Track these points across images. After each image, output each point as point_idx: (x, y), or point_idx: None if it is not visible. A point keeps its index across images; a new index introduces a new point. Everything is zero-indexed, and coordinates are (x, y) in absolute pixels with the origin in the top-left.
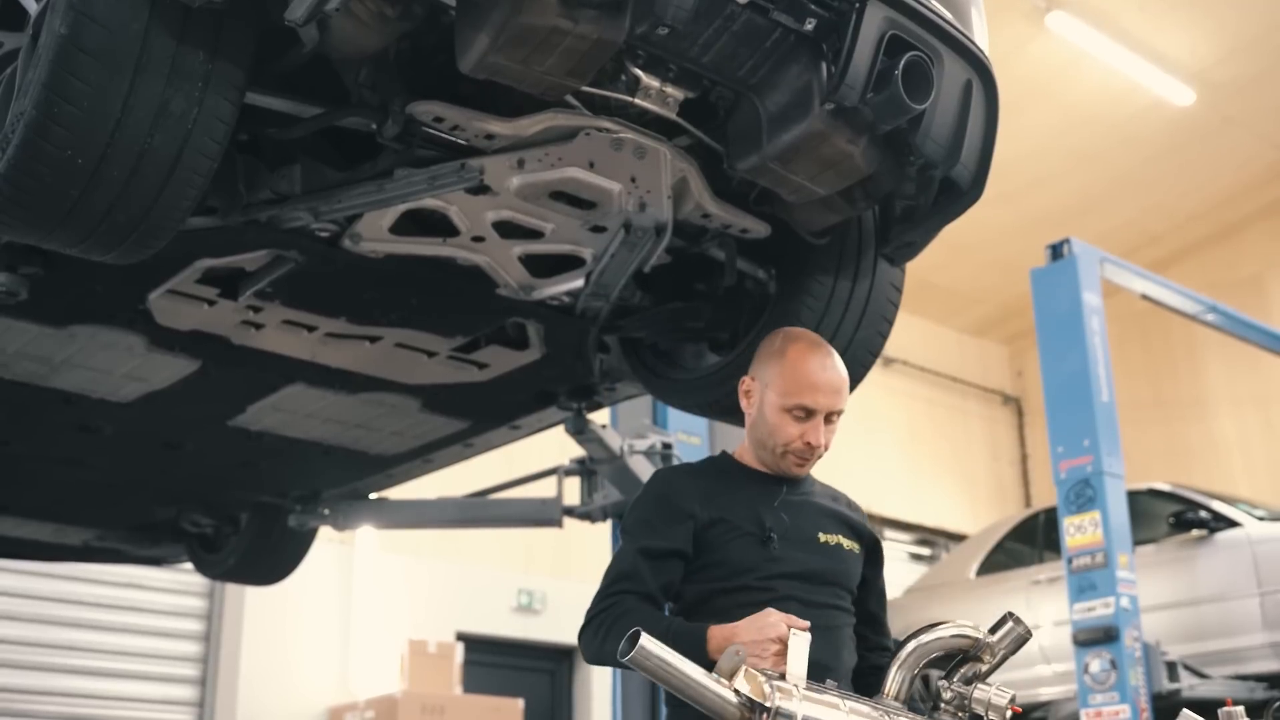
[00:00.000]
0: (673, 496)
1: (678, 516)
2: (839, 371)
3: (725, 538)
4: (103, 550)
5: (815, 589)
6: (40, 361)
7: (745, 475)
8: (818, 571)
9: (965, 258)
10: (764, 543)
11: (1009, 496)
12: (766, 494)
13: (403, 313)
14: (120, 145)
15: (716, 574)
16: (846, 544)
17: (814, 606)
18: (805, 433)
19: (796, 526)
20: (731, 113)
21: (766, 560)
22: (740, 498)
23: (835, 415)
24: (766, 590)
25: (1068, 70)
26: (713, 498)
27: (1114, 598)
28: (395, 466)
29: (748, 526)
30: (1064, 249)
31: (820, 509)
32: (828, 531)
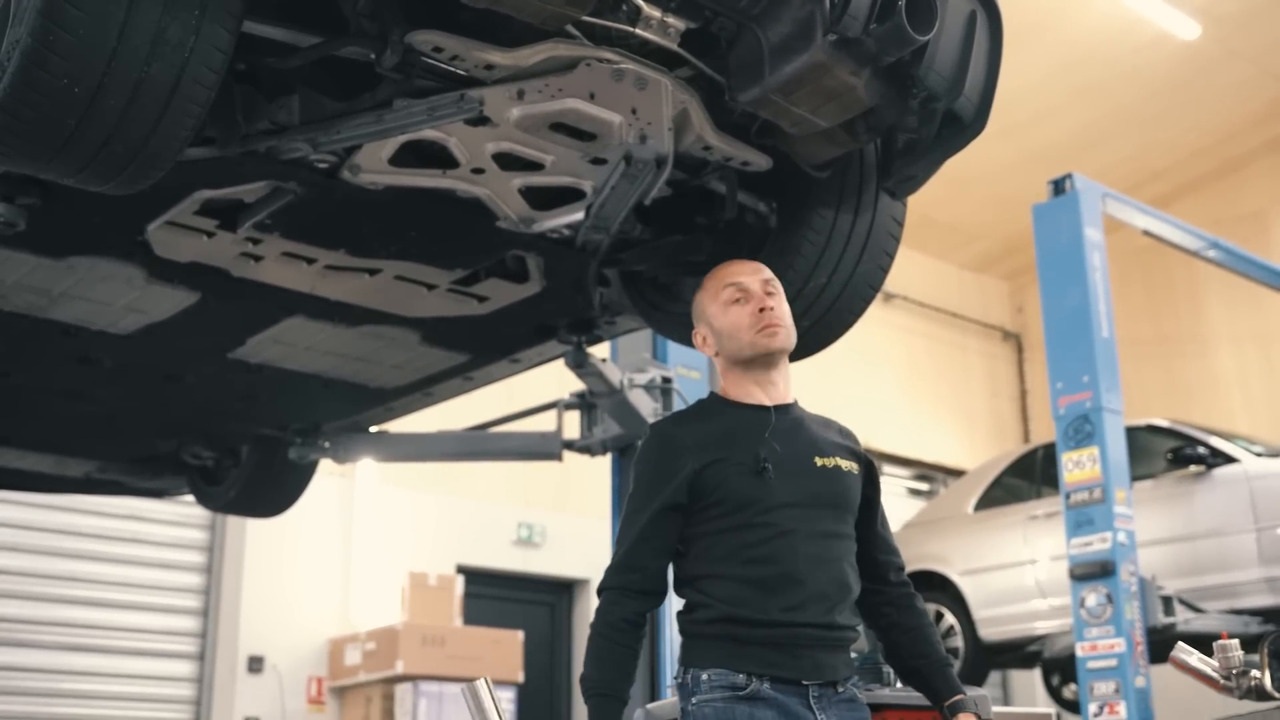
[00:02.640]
0: (663, 453)
1: (672, 472)
2: (750, 261)
3: (721, 475)
4: (104, 482)
5: (817, 514)
6: (39, 293)
7: (734, 410)
8: (817, 495)
9: (966, 193)
10: (759, 474)
11: (1008, 432)
12: (757, 425)
13: (402, 245)
14: (117, 74)
15: (717, 512)
16: (845, 465)
17: (816, 537)
18: (754, 306)
19: (791, 453)
20: (733, 44)
21: (764, 492)
22: (732, 434)
23: (772, 289)
24: (768, 525)
25: (1071, 3)
26: (704, 440)
27: (1111, 533)
28: (395, 400)
29: (742, 460)
30: (1066, 184)
31: (813, 434)
32: (824, 455)
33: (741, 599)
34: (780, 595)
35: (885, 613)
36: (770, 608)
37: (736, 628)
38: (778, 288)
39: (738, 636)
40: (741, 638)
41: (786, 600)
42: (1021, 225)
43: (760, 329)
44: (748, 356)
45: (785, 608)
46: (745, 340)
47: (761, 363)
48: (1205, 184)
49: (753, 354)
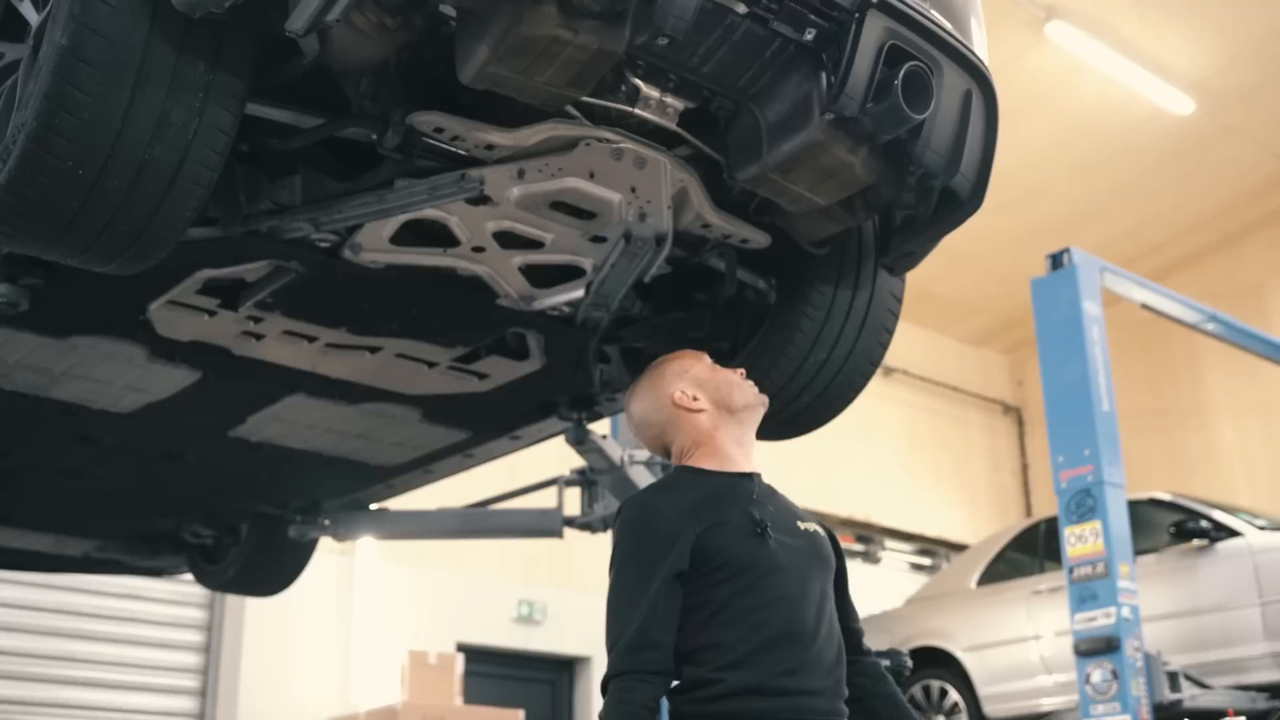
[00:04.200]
0: (658, 520)
1: (671, 538)
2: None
3: (722, 539)
4: (103, 561)
5: (812, 577)
6: (41, 372)
7: (714, 478)
8: (809, 555)
9: (965, 267)
10: (759, 535)
11: (1010, 506)
12: (742, 489)
13: (403, 323)
14: (121, 156)
15: (721, 577)
16: (820, 531)
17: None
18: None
19: (778, 517)
20: (731, 123)
21: (766, 554)
22: (720, 499)
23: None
24: (772, 589)
25: (1067, 79)
26: (694, 506)
27: (1115, 608)
28: (396, 477)
29: (740, 522)
30: (1064, 258)
31: (785, 501)
32: (803, 520)
33: (751, 665)
34: (789, 660)
35: (859, 683)
36: (780, 675)
37: (747, 702)
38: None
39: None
40: (752, 713)
41: (794, 663)
42: (1021, 299)
43: (753, 386)
44: (747, 401)
45: (789, 671)
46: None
47: (751, 417)
48: (1203, 257)
49: (754, 399)
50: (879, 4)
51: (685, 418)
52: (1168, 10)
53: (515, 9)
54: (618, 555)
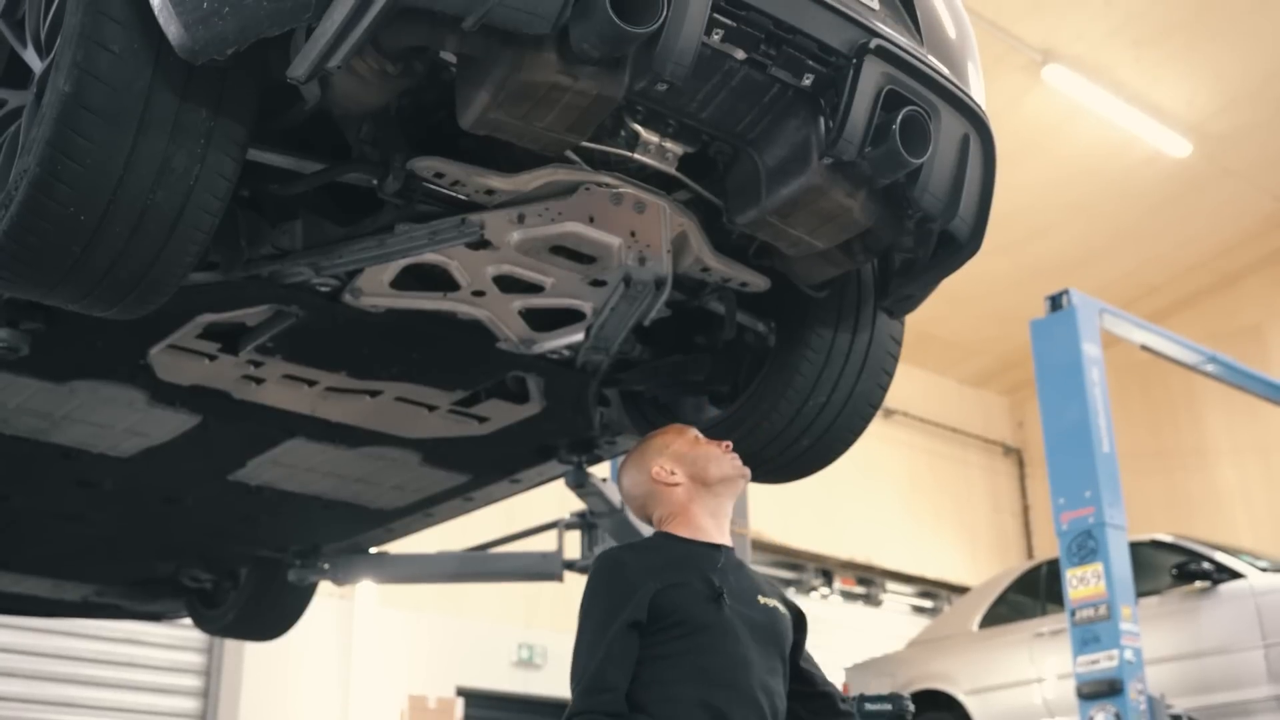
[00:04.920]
0: (622, 575)
1: (631, 590)
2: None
3: (679, 599)
4: (102, 606)
5: (764, 648)
6: (41, 417)
7: (685, 544)
8: (764, 630)
9: (965, 309)
10: (716, 600)
11: (1011, 548)
12: (709, 558)
13: (403, 367)
14: (123, 202)
15: (676, 633)
16: (781, 608)
17: (764, 669)
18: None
19: (740, 587)
20: (730, 167)
21: (721, 619)
22: (685, 563)
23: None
24: (727, 653)
25: (1065, 123)
26: (659, 566)
27: (1118, 650)
28: (396, 520)
29: (699, 586)
30: (1063, 300)
31: (752, 574)
32: (765, 595)
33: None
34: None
35: None
36: None
37: None
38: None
39: None
40: None
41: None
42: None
43: (728, 457)
44: (725, 474)
45: None
46: (726, 461)
47: (728, 490)
48: (1201, 299)
49: (732, 471)
50: (876, 50)
51: (663, 491)
52: (1164, 54)
53: (515, 55)
54: (585, 604)
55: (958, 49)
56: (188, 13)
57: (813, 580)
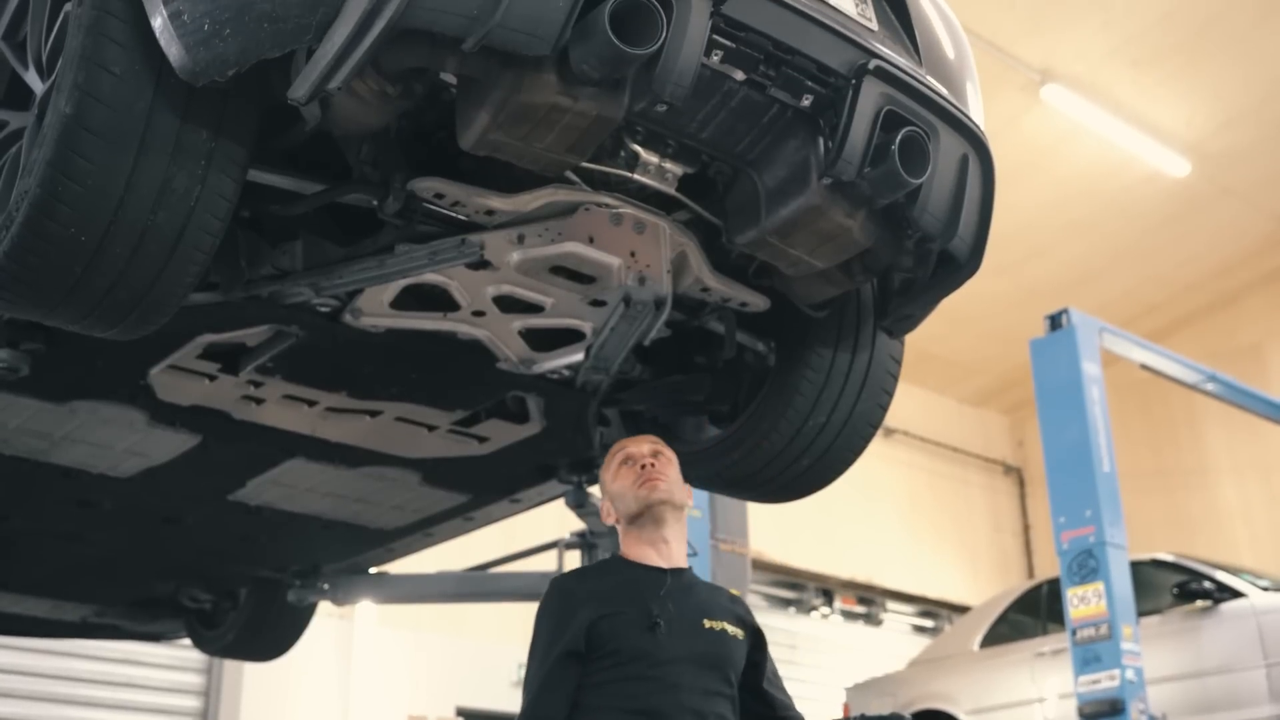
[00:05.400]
0: (562, 605)
1: (568, 623)
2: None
3: (614, 628)
4: (101, 626)
5: (703, 674)
6: (41, 437)
7: (631, 570)
8: (704, 655)
9: (964, 328)
10: (651, 629)
11: (1012, 567)
12: (653, 584)
13: (403, 387)
14: (123, 223)
15: (609, 663)
16: (731, 630)
17: (699, 694)
18: (638, 465)
19: (682, 613)
20: (730, 187)
21: (655, 647)
22: (627, 590)
23: (659, 451)
24: (656, 679)
25: (1063, 142)
26: (601, 594)
27: (1119, 670)
28: (395, 540)
29: (636, 615)
30: (1063, 319)
31: (703, 598)
32: (713, 618)
33: None
34: None
35: None
36: None
37: None
38: (665, 453)
39: None
40: None
41: None
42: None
43: (641, 484)
44: (634, 510)
45: None
46: (631, 496)
47: (650, 519)
48: (1201, 317)
49: (638, 507)
50: (875, 70)
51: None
52: (1163, 73)
53: (515, 77)
54: (533, 632)
55: (956, 69)
56: (189, 35)
57: (813, 600)
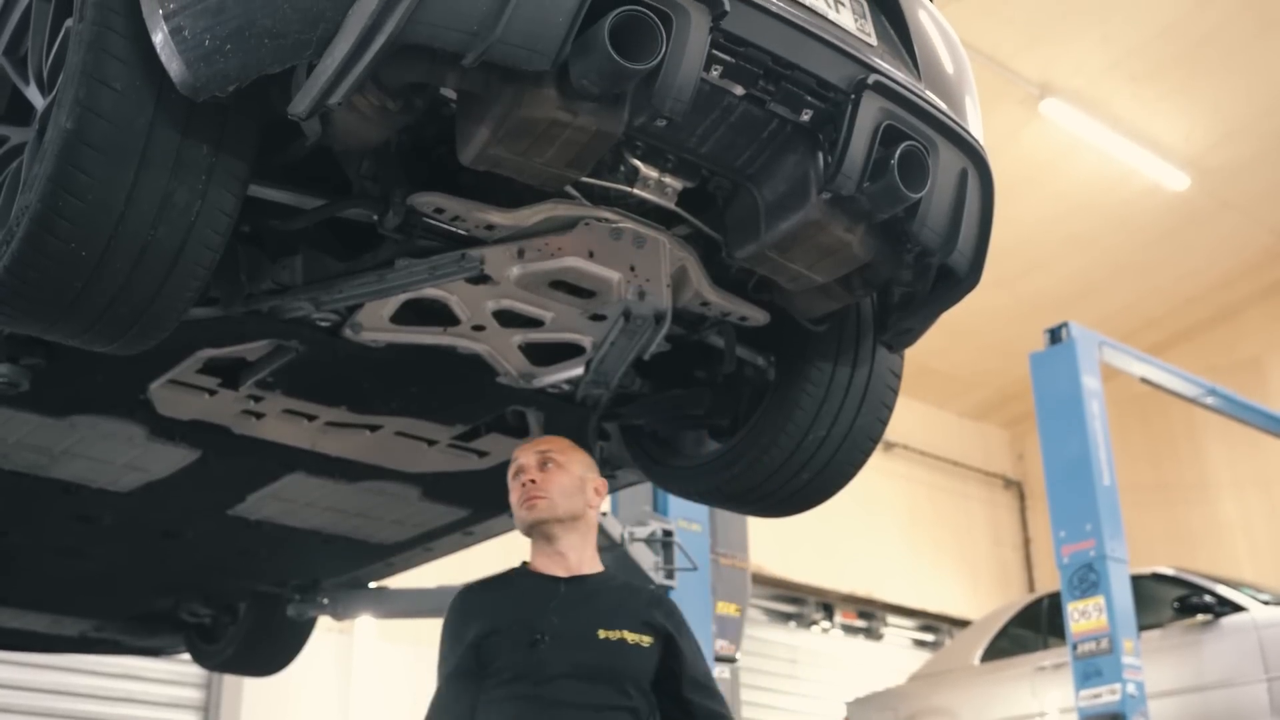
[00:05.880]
0: (455, 621)
1: (460, 639)
2: (544, 437)
3: (498, 646)
4: (100, 641)
5: (592, 688)
6: (40, 452)
7: (527, 580)
8: (594, 668)
9: (964, 342)
10: (532, 645)
11: (1012, 581)
12: (543, 596)
13: (403, 401)
14: (123, 238)
15: (494, 683)
16: (632, 638)
17: (587, 709)
18: (521, 480)
19: (571, 626)
20: (729, 202)
21: (537, 664)
22: (516, 604)
23: (549, 460)
24: (538, 698)
25: (1063, 156)
26: (492, 609)
27: (1120, 684)
28: (395, 555)
29: (518, 632)
30: (1062, 333)
31: (604, 606)
32: (610, 627)
33: None
34: None
35: None
36: None
37: None
38: (558, 459)
39: None
40: None
41: None
42: (1020, 373)
43: (522, 504)
44: (523, 530)
45: None
46: (516, 514)
47: (538, 534)
48: (1201, 331)
49: (521, 527)
50: (874, 85)
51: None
52: (1162, 88)
53: (515, 92)
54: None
55: (955, 84)
56: (190, 50)
57: (814, 614)
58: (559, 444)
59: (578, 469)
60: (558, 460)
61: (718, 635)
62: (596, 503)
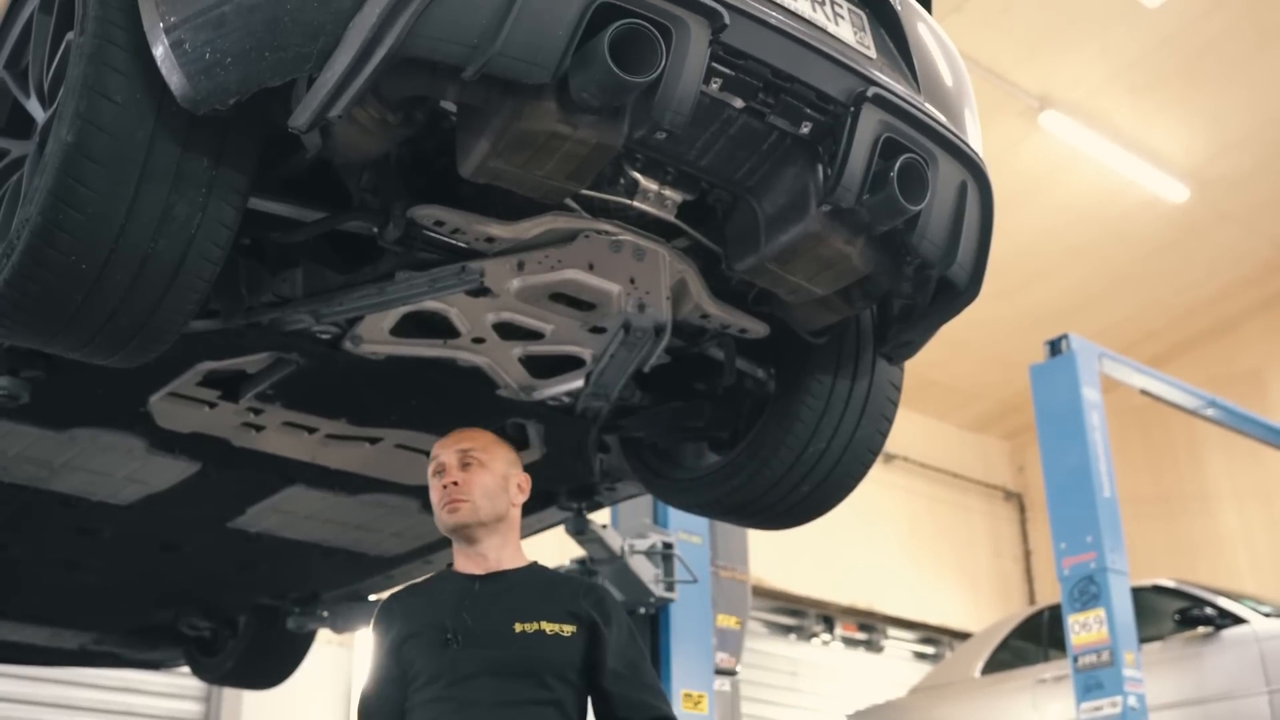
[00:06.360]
0: (378, 627)
1: (382, 645)
2: (463, 430)
3: (415, 650)
4: (99, 654)
5: (509, 684)
6: (40, 464)
7: (445, 582)
8: (509, 663)
9: (964, 354)
10: (444, 645)
11: (1013, 593)
12: (457, 596)
13: (403, 414)
14: (124, 250)
15: (416, 685)
16: (551, 628)
17: (505, 706)
18: (442, 480)
19: (484, 623)
20: (729, 214)
21: (450, 664)
22: (432, 607)
23: (470, 460)
24: (452, 699)
25: (1062, 168)
26: (410, 613)
27: (1121, 697)
28: (395, 567)
29: (431, 634)
30: (1062, 345)
31: (524, 599)
32: (526, 620)
33: None
34: None
35: None
36: None
37: None
38: (480, 457)
39: None
40: None
41: None
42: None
43: (442, 505)
44: (443, 531)
45: None
46: (436, 515)
47: (459, 537)
48: (1200, 343)
49: (443, 529)
50: (874, 98)
51: None
52: (1161, 100)
53: (515, 104)
54: None
55: (955, 96)
56: (190, 63)
57: (814, 627)
58: (480, 440)
59: (501, 466)
60: (480, 459)
61: (718, 648)
62: (519, 500)
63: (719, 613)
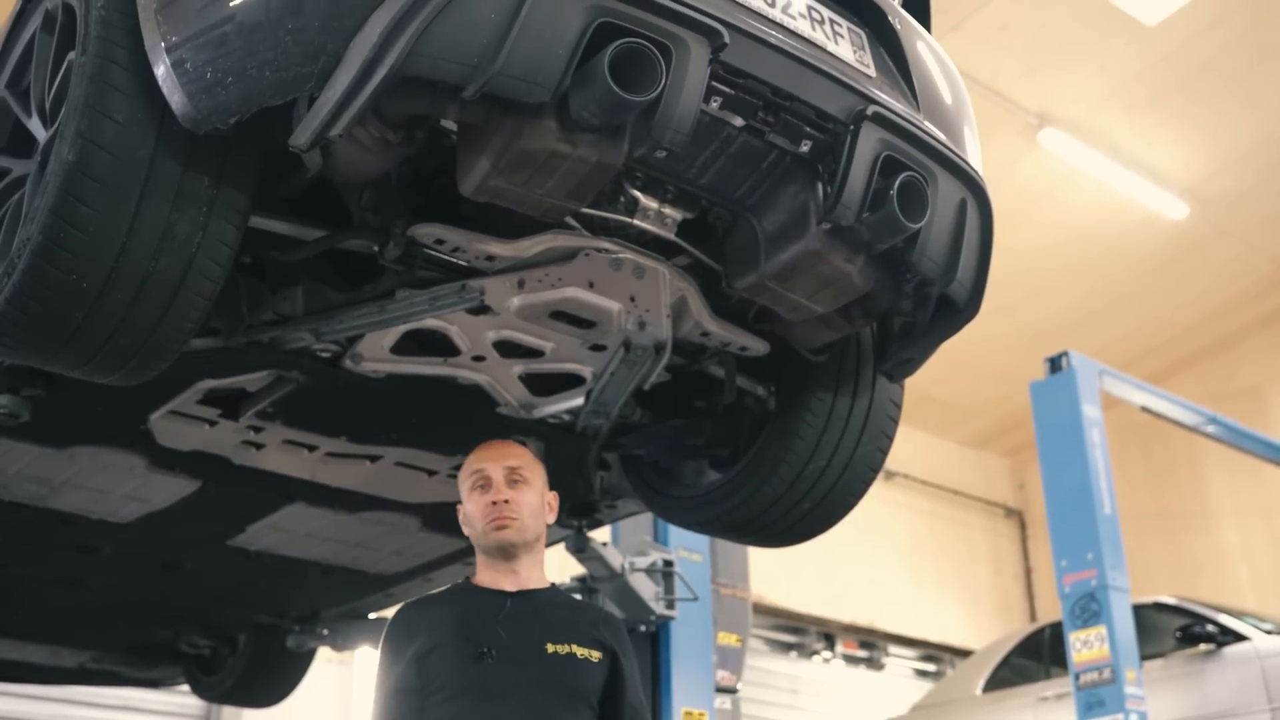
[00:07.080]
0: (394, 637)
1: (400, 655)
2: (504, 443)
3: (443, 661)
4: (99, 672)
5: (539, 703)
6: (40, 482)
7: (472, 596)
8: (542, 682)
9: (964, 371)
10: (478, 660)
11: (1014, 610)
12: (489, 610)
13: (403, 432)
14: (125, 269)
15: (440, 698)
16: (581, 652)
17: None
18: (491, 497)
19: (519, 640)
20: (729, 232)
21: (483, 679)
22: (463, 619)
23: (518, 478)
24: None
25: (1061, 185)
26: (435, 624)
27: (1123, 714)
28: (395, 585)
29: (465, 647)
30: (1062, 362)
31: (551, 620)
32: (558, 641)
33: None
34: None
35: None
36: None
37: None
38: (526, 475)
39: None
40: None
41: None
42: (1020, 402)
43: (490, 521)
44: (483, 545)
45: None
46: (480, 528)
47: (499, 553)
48: (1200, 360)
49: (485, 545)
50: (874, 116)
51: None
52: (1160, 117)
53: (515, 123)
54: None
55: (954, 114)
56: (191, 82)
57: (815, 644)
58: (524, 457)
59: (541, 484)
60: (526, 477)
61: (719, 665)
62: (552, 519)
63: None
